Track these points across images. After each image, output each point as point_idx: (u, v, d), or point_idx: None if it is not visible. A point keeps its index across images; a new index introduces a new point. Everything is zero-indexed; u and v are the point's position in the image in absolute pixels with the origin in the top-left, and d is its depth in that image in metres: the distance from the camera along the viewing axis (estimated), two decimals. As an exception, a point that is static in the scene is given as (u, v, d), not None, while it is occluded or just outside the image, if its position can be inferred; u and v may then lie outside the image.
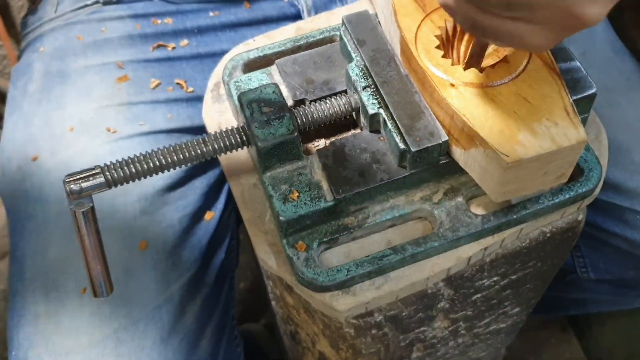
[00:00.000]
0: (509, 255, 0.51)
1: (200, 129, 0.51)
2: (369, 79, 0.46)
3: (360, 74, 0.47)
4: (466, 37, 0.46)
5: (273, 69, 0.50)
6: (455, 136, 0.43)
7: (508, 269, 0.54)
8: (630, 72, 0.70)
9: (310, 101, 0.48)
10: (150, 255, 0.59)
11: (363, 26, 0.48)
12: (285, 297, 0.56)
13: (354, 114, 0.47)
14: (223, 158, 0.51)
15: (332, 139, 0.49)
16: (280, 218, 0.44)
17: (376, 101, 0.45)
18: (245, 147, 0.45)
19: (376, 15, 0.50)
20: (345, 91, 0.49)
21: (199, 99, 0.66)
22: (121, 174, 0.42)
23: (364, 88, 0.46)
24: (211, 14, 0.71)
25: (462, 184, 0.47)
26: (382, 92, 0.45)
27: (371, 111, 0.45)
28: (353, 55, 0.48)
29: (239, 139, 0.44)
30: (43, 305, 0.57)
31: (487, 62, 0.45)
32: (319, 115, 0.46)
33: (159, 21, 0.70)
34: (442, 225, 0.46)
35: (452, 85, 0.43)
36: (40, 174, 0.61)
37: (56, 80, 0.66)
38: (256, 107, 0.44)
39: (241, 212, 0.49)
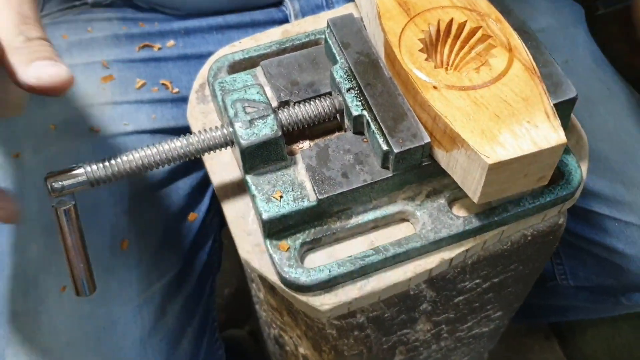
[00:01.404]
0: (490, 258, 0.51)
1: (184, 130, 0.51)
2: (353, 81, 0.46)
3: (345, 76, 0.47)
4: (449, 40, 0.46)
5: (258, 70, 0.51)
6: (437, 138, 0.43)
7: (490, 271, 0.54)
8: (610, 82, 0.72)
9: (295, 102, 0.48)
10: (132, 255, 0.59)
11: (348, 29, 0.49)
12: (269, 299, 0.56)
13: (338, 115, 0.48)
14: (207, 158, 0.51)
15: (317, 140, 0.49)
16: (263, 217, 0.44)
17: (360, 103, 0.46)
18: (229, 147, 0.45)
19: (361, 18, 0.51)
20: (330, 93, 0.49)
21: (184, 99, 0.66)
22: (103, 172, 0.42)
23: (348, 90, 0.46)
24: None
25: (444, 186, 0.48)
26: (365, 94, 0.45)
27: (355, 113, 0.45)
28: (337, 58, 0.48)
29: (222, 139, 0.44)
30: (22, 303, 0.57)
31: (469, 66, 0.45)
32: (303, 117, 0.46)
33: (147, 25, 0.70)
34: (424, 226, 0.46)
35: (435, 87, 0.43)
36: (22, 171, 0.61)
37: None
38: (240, 107, 0.44)
39: (224, 212, 0.49)
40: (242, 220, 0.48)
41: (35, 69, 0.37)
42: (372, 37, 0.49)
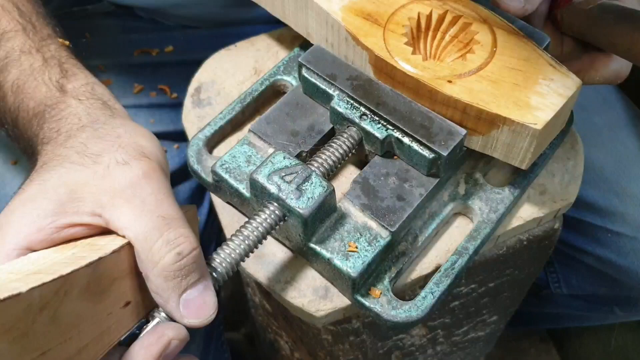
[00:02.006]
0: (486, 263, 0.52)
1: (183, 134, 0.52)
2: (361, 107, 0.45)
3: (349, 106, 0.45)
4: (430, 33, 0.47)
5: (250, 136, 0.47)
6: (470, 126, 0.44)
7: (485, 276, 0.55)
8: (606, 92, 0.72)
9: (308, 152, 0.46)
10: None
11: (324, 61, 0.47)
12: (264, 304, 0.55)
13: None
14: None
15: (354, 178, 0.47)
16: (353, 275, 0.41)
17: (381, 125, 0.45)
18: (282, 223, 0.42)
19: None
20: (332, 129, 0.47)
21: (181, 104, 0.65)
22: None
23: (361, 117, 0.45)
24: None
25: (472, 168, 0.49)
26: (382, 114, 0.44)
27: (381, 136, 0.44)
28: (330, 92, 0.46)
29: (275, 219, 0.41)
30: None
31: (453, 55, 0.46)
32: (333, 160, 0.44)
33: (145, 32, 0.69)
34: (482, 211, 0.47)
35: (450, 81, 0.43)
36: (21, 178, 0.60)
37: None
38: (278, 179, 0.41)
39: (220, 218, 0.48)
40: (237, 225, 0.45)
41: (186, 311, 0.36)
42: (345, 59, 0.48)
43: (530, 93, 0.43)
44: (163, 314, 0.37)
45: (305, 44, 0.54)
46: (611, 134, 0.68)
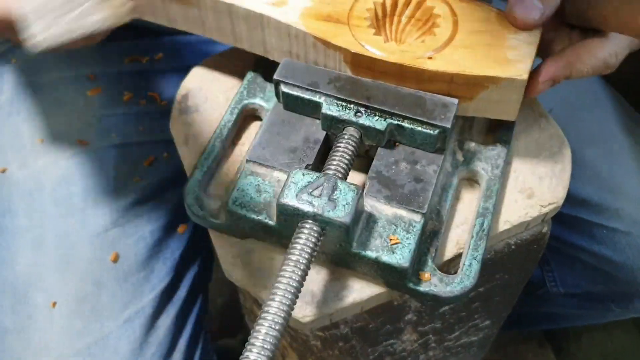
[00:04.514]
0: None
1: (172, 141, 0.52)
2: (352, 105, 0.45)
3: (340, 108, 0.46)
4: (394, 16, 0.48)
5: (250, 166, 0.46)
6: (458, 94, 0.45)
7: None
8: (596, 90, 0.72)
9: (313, 163, 0.46)
10: (122, 268, 0.59)
11: (299, 72, 0.47)
12: (255, 311, 0.55)
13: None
14: (190, 171, 0.50)
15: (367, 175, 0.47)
16: (405, 266, 0.42)
17: (377, 117, 0.45)
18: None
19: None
20: (327, 136, 0.47)
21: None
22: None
23: (356, 114, 0.45)
24: None
25: (459, 133, 0.50)
26: (375, 106, 0.45)
27: (382, 127, 0.45)
28: (316, 99, 0.46)
29: (317, 234, 0.40)
30: (11, 319, 0.56)
31: (421, 33, 0.47)
32: (346, 163, 0.44)
33: (135, 39, 0.69)
34: (485, 170, 0.48)
35: (430, 58, 0.45)
36: (9, 185, 0.61)
37: (27, 92, 0.65)
38: (307, 197, 0.40)
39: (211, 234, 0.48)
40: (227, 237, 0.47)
41: None
42: (316, 65, 0.48)
43: (503, 49, 0.45)
44: None
45: (259, 65, 0.53)
46: (602, 130, 0.68)
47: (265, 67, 0.53)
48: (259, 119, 0.53)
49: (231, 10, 0.48)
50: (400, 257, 0.42)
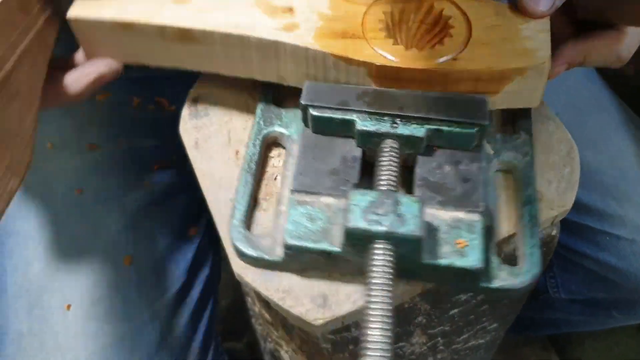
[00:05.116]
0: None
1: (182, 145, 0.52)
2: (386, 118, 0.45)
3: (375, 122, 0.45)
4: (405, 25, 0.48)
5: (295, 196, 0.45)
6: (484, 91, 0.46)
7: None
8: (599, 94, 0.72)
9: (357, 182, 0.45)
10: (135, 271, 0.60)
11: (324, 93, 0.46)
12: (264, 314, 0.55)
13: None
14: (200, 174, 0.50)
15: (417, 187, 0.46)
16: (479, 266, 0.41)
17: (414, 125, 0.45)
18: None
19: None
20: (364, 152, 0.47)
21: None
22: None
23: (392, 125, 0.45)
24: None
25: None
26: (410, 115, 0.45)
27: (422, 134, 0.45)
28: (349, 117, 0.45)
29: (392, 254, 0.40)
30: (26, 322, 0.57)
31: (437, 38, 0.48)
32: (395, 175, 0.43)
33: None
34: (517, 158, 0.49)
35: (455, 59, 0.45)
36: (21, 190, 0.60)
37: None
38: (374, 217, 0.39)
39: (218, 228, 0.47)
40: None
41: None
42: (337, 82, 0.47)
43: (520, 40, 0.46)
44: None
45: (265, 92, 0.52)
46: (606, 136, 0.68)
47: (272, 94, 0.52)
48: (279, 145, 0.52)
49: (243, 42, 0.47)
50: (474, 259, 0.42)
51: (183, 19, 0.47)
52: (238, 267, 0.45)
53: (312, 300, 0.43)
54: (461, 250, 0.42)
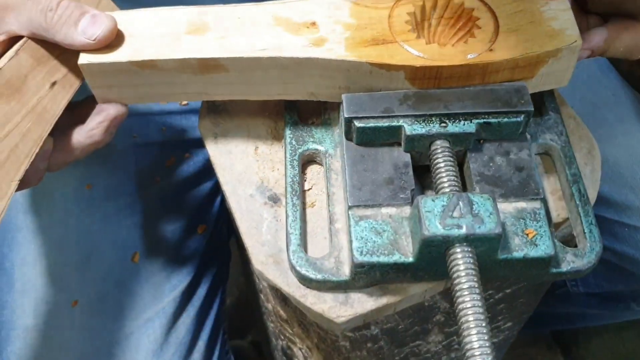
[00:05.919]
0: None
1: (194, 142, 0.53)
2: (434, 118, 0.45)
3: (424, 124, 0.45)
4: (430, 21, 0.48)
5: (355, 211, 0.43)
6: (521, 77, 0.46)
7: (503, 282, 0.55)
8: (615, 88, 0.71)
9: (415, 188, 0.45)
10: (143, 267, 0.60)
11: (365, 103, 0.45)
12: (279, 311, 0.55)
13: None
14: (219, 169, 0.50)
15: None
16: (552, 253, 0.42)
17: (463, 122, 0.44)
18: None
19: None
20: (413, 157, 0.46)
21: (193, 111, 0.67)
22: None
23: (441, 125, 0.44)
24: None
25: None
26: (457, 112, 0.44)
27: (472, 129, 0.44)
28: (395, 124, 0.45)
29: (472, 255, 0.39)
30: (32, 318, 0.57)
31: (461, 34, 0.47)
32: (456, 174, 0.43)
33: None
34: (553, 139, 0.49)
35: (490, 50, 0.45)
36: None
37: None
38: (452, 220, 0.39)
39: (237, 224, 0.47)
40: (256, 230, 0.46)
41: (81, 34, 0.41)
42: (372, 90, 0.46)
43: (546, 22, 0.46)
44: None
45: (291, 112, 0.51)
46: (623, 129, 0.68)
47: (295, 113, 0.51)
48: (313, 162, 0.51)
49: (273, 63, 0.45)
50: (545, 247, 0.42)
51: (207, 49, 0.45)
52: (258, 262, 0.45)
53: (334, 298, 0.43)
54: (532, 240, 0.42)
